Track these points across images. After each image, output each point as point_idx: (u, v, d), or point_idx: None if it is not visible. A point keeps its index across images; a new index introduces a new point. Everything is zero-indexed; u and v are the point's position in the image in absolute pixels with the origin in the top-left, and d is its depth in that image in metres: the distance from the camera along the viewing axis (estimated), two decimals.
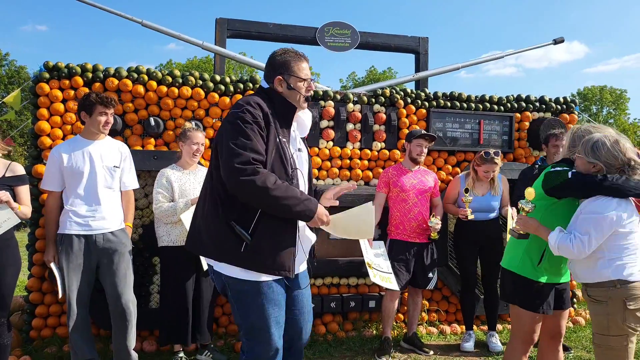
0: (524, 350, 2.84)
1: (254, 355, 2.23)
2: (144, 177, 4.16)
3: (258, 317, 2.18)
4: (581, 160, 2.56)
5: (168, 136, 4.17)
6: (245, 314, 2.21)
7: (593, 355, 4.12)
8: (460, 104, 4.85)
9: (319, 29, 5.04)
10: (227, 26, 4.86)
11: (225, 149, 2.08)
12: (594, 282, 2.51)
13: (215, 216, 2.15)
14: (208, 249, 2.19)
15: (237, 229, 2.10)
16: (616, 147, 2.49)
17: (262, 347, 2.21)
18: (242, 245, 2.11)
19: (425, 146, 4.15)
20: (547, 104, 5.06)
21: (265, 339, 2.20)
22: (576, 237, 2.44)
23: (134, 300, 3.36)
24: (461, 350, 4.24)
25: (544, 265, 2.72)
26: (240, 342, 4.00)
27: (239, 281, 2.17)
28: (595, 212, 2.45)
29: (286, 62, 2.27)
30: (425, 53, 5.31)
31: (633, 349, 2.49)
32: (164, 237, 3.67)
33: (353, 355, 4.07)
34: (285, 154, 2.21)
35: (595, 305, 2.52)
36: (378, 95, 4.66)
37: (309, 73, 2.33)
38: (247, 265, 2.13)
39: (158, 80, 4.14)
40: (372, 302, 4.48)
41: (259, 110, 2.15)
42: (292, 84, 2.27)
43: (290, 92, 2.27)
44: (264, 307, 2.18)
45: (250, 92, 4.32)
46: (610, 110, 42.49)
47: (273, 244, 2.15)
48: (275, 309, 2.21)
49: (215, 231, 2.15)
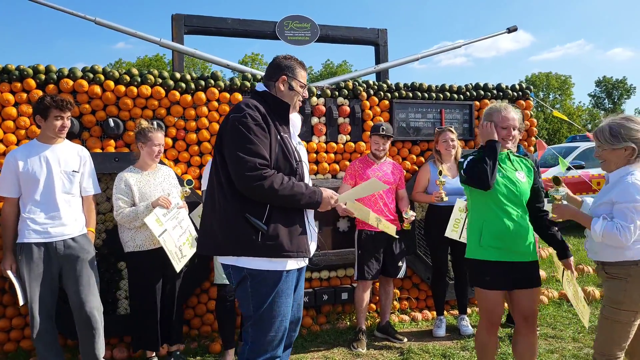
0: (489, 330, 2.95)
1: (259, 345, 2.30)
2: (105, 180, 4.02)
3: (271, 307, 2.28)
4: (610, 151, 2.62)
5: (129, 137, 4.04)
6: (258, 304, 2.28)
7: (558, 332, 4.29)
8: (422, 94, 4.91)
9: (279, 23, 4.99)
10: (184, 22, 4.74)
11: (233, 157, 2.23)
12: (616, 261, 2.59)
13: (229, 212, 2.26)
14: (226, 248, 2.28)
15: (252, 220, 2.22)
16: (630, 123, 2.58)
17: (268, 337, 2.30)
18: (259, 235, 2.23)
19: (382, 143, 4.20)
20: (504, 91, 5.20)
21: (274, 329, 2.30)
22: (624, 227, 2.49)
23: (100, 307, 3.26)
24: (433, 335, 4.33)
25: (488, 242, 2.82)
26: (214, 344, 3.98)
27: (262, 272, 2.27)
28: (634, 200, 2.49)
29: (291, 66, 2.47)
30: (384, 45, 5.34)
31: (636, 326, 2.60)
32: (129, 243, 3.57)
33: (328, 347, 4.08)
34: (289, 149, 2.35)
35: (612, 281, 2.62)
36: (341, 88, 4.66)
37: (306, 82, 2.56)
38: (268, 253, 2.24)
39: (115, 79, 4.01)
40: (345, 294, 4.51)
41: (257, 112, 2.29)
42: (294, 86, 2.46)
43: (290, 92, 2.46)
44: (278, 298, 2.29)
45: (212, 89, 4.25)
46: (556, 96, 44.19)
47: (288, 229, 2.29)
48: (287, 300, 2.33)
49: (231, 227, 2.25)
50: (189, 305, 4.21)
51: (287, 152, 2.33)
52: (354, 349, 3.99)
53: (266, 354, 2.30)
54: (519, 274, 2.84)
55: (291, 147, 2.37)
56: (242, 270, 2.29)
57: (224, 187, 2.28)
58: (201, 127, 4.23)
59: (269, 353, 2.31)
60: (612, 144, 2.59)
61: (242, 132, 2.22)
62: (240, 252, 2.25)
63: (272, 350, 2.32)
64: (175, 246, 3.47)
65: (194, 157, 4.23)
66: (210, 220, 2.32)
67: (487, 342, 2.97)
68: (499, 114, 2.91)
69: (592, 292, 5.19)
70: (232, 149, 2.24)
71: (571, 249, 8.44)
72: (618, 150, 2.59)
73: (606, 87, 46.99)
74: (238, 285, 2.34)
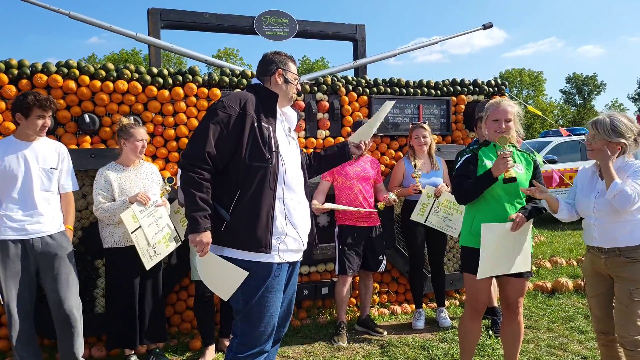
0: (472, 316, 3.07)
1: (247, 339, 2.30)
2: (81, 177, 3.95)
3: (260, 302, 2.29)
4: (603, 142, 2.72)
5: (105, 133, 3.98)
6: (247, 298, 2.29)
7: (533, 322, 4.39)
8: (400, 89, 4.95)
9: (257, 18, 4.96)
10: (160, 16, 4.67)
11: (190, 137, 2.29)
12: (636, 244, 2.71)
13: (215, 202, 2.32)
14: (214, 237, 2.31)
15: (218, 208, 2.28)
16: (629, 123, 2.74)
17: (258, 332, 2.31)
18: (222, 225, 2.28)
19: None
20: (480, 86, 5.28)
21: (263, 323, 2.31)
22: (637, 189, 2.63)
23: (79, 306, 3.22)
24: (413, 328, 4.38)
25: (478, 230, 2.90)
26: (194, 341, 3.96)
27: (250, 263, 2.28)
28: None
29: (283, 60, 2.54)
30: (362, 40, 5.36)
31: None
32: (108, 239, 3.53)
33: (309, 342, 4.10)
34: (264, 138, 2.34)
35: (636, 264, 2.71)
36: (320, 83, 4.67)
37: None
38: (229, 243, 2.28)
39: (90, 74, 3.93)
40: (325, 288, 4.53)
41: (236, 102, 2.34)
42: (289, 78, 2.53)
43: (287, 85, 2.52)
44: (268, 293, 2.30)
45: (190, 84, 4.20)
46: (529, 92, 44.98)
47: (249, 222, 2.28)
48: (277, 295, 2.34)
49: (211, 216, 2.28)
50: (168, 302, 4.17)
51: (262, 141, 2.33)
52: (335, 343, 4.02)
53: (255, 349, 2.31)
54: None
55: (267, 137, 2.35)
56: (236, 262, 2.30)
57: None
58: (179, 123, 4.19)
59: (257, 347, 2.32)
60: (610, 137, 2.72)
61: (205, 121, 2.32)
62: (213, 241, 2.29)
63: (261, 345, 2.33)
64: (147, 244, 3.44)
65: (172, 153, 4.19)
66: None
67: (470, 329, 3.08)
68: (491, 107, 3.03)
69: (565, 282, 5.32)
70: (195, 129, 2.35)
71: (544, 241, 8.65)
72: (612, 143, 2.72)
73: (577, 83, 47.99)
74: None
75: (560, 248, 8.02)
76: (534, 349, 3.79)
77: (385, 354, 3.80)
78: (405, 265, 4.81)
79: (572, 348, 3.78)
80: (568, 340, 3.96)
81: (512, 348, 3.07)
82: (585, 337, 3.98)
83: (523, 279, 3.02)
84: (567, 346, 3.82)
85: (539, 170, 3.09)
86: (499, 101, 3.04)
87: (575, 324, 4.31)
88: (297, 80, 2.58)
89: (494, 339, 3.99)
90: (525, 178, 3.01)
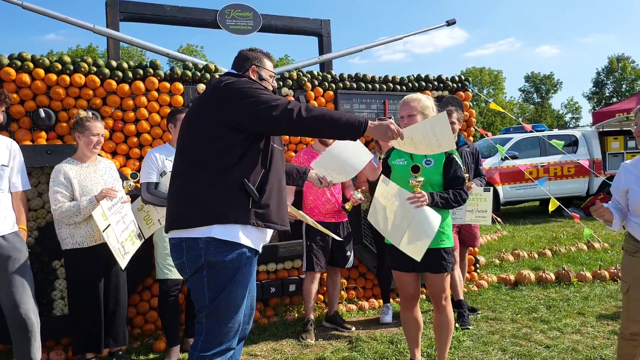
0: (404, 306, 3.21)
1: (214, 336, 2.22)
2: (36, 174, 3.78)
3: (228, 297, 2.21)
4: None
5: (61, 128, 3.82)
6: (215, 293, 2.21)
7: (497, 314, 4.46)
8: (366, 85, 4.95)
9: (220, 11, 4.86)
10: (119, 9, 4.52)
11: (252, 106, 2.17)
12: None
13: (220, 182, 2.22)
14: (203, 218, 2.20)
15: (249, 186, 2.21)
16: None
17: (225, 328, 2.23)
18: (249, 202, 2.23)
19: None
20: (445, 82, 5.33)
21: (230, 319, 2.24)
22: None
23: (35, 309, 3.07)
24: (381, 322, 4.39)
25: None
26: (158, 342, 3.85)
27: (228, 251, 2.19)
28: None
29: (258, 56, 2.50)
30: (328, 35, 5.33)
31: None
32: (68, 240, 3.37)
33: (277, 339, 4.05)
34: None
35: None
36: (285, 78, 4.61)
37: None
38: (257, 217, 2.24)
39: (46, 67, 3.76)
40: (293, 286, 4.49)
41: None
42: (264, 75, 2.48)
43: (261, 82, 2.45)
44: (236, 288, 2.23)
45: (151, 78, 4.08)
46: (490, 90, 46.02)
47: (275, 201, 2.32)
48: (244, 291, 2.27)
49: (220, 195, 2.20)
50: (131, 303, 4.04)
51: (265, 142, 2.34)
52: (303, 340, 3.98)
53: (221, 346, 2.23)
54: (427, 259, 2.85)
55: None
56: (199, 259, 2.20)
57: (214, 159, 2.23)
58: (140, 118, 4.06)
59: (224, 344, 2.24)
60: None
61: (249, 89, 2.22)
62: (223, 220, 2.21)
63: (228, 342, 2.25)
64: (117, 242, 3.32)
65: (133, 150, 4.06)
66: (189, 196, 2.24)
67: (405, 319, 3.23)
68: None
69: (528, 275, 5.43)
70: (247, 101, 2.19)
71: (507, 235, 8.85)
72: None
73: (535, 82, 49.36)
74: (193, 275, 2.25)
75: (523, 241, 8.22)
76: (499, 340, 3.85)
77: (353, 350, 3.79)
78: (372, 260, 4.81)
79: (536, 338, 3.85)
80: (531, 330, 4.03)
81: (439, 339, 3.16)
82: (548, 327, 4.07)
83: (440, 275, 3.02)
84: (530, 336, 3.89)
85: (453, 163, 3.01)
86: (405, 97, 3.07)
87: (537, 314, 4.41)
88: (272, 78, 2.53)
89: (460, 332, 4.03)
90: (433, 172, 3.00)
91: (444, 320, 3.12)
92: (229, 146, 2.23)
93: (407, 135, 2.45)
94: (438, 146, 2.53)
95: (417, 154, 2.98)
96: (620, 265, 2.92)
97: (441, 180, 3.02)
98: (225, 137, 2.23)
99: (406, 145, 2.55)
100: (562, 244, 7.55)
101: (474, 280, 5.40)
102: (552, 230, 9.24)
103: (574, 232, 8.87)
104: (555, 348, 3.64)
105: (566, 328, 4.04)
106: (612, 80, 44.83)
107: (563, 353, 3.55)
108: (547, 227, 9.68)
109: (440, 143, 2.50)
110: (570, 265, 6.10)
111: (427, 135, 2.48)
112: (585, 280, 5.39)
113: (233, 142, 2.23)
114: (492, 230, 9.02)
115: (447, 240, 3.01)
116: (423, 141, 2.50)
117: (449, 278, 3.11)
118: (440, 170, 3.02)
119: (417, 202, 2.77)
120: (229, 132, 2.23)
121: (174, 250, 2.29)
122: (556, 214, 10.47)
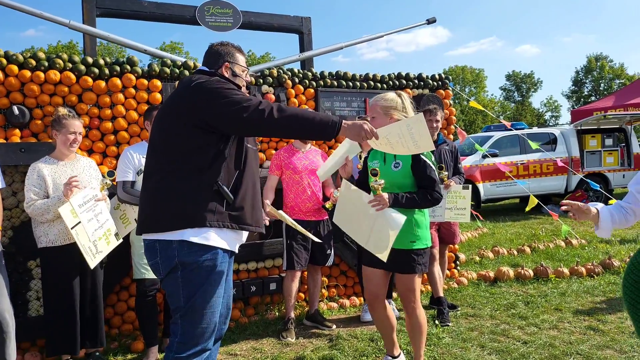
0: (370, 305, 3.19)
1: (189, 337, 2.19)
2: (10, 173, 3.70)
3: (203, 297, 2.19)
4: None
5: (35, 126, 3.74)
6: (189, 294, 2.18)
7: (477, 310, 4.50)
8: (346, 82, 4.94)
9: (199, 7, 4.81)
10: (95, 4, 4.44)
11: (222, 106, 2.15)
12: None
13: (193, 183, 2.17)
14: (176, 222, 2.16)
15: (223, 189, 2.18)
16: None
17: (200, 329, 2.20)
18: (223, 204, 2.21)
19: None
20: (425, 80, 5.35)
21: (206, 320, 2.21)
22: None
23: (10, 310, 3.02)
24: (361, 320, 4.39)
25: None
26: (136, 342, 3.80)
27: (202, 252, 2.16)
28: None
29: (230, 52, 2.45)
30: (308, 33, 5.31)
31: None
32: (42, 238, 3.31)
33: (257, 338, 4.03)
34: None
35: None
36: (265, 75, 4.58)
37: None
38: (232, 220, 2.22)
39: (19, 64, 3.68)
40: (273, 284, 4.47)
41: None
42: (237, 71, 2.44)
43: (235, 79, 2.42)
44: (211, 287, 2.20)
45: (129, 75, 4.02)
46: (471, 89, 46.42)
47: (249, 202, 2.30)
48: (219, 290, 2.25)
49: (193, 198, 2.16)
50: (108, 303, 3.99)
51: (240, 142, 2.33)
52: (283, 339, 3.97)
53: (197, 347, 2.20)
54: (390, 258, 2.85)
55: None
56: (173, 259, 2.17)
57: (187, 160, 2.19)
58: (117, 116, 4.00)
59: (200, 345, 2.20)
60: None
61: (221, 88, 2.20)
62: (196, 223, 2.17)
63: (204, 343, 2.22)
64: (89, 240, 3.25)
65: (110, 148, 3.99)
66: (161, 197, 2.20)
67: (375, 317, 3.21)
68: None
69: (507, 271, 5.49)
70: (218, 102, 2.16)
71: (487, 232, 8.92)
72: None
73: (515, 80, 49.89)
74: (167, 276, 2.21)
75: (502, 239, 8.30)
76: (477, 336, 3.88)
77: (334, 348, 3.79)
78: (353, 258, 4.82)
79: (514, 334, 3.89)
80: (510, 326, 4.08)
81: (413, 341, 3.15)
82: (526, 323, 4.12)
83: (409, 275, 3.00)
84: (508, 332, 3.93)
85: (421, 164, 2.95)
86: (374, 97, 3.10)
87: (516, 310, 4.45)
88: (245, 72, 2.49)
89: (440, 329, 4.06)
90: (401, 174, 2.97)
91: (414, 323, 3.08)
92: (201, 146, 2.19)
93: (382, 136, 2.44)
94: (416, 147, 2.52)
95: (390, 155, 3.00)
96: None
97: (412, 182, 2.98)
98: (196, 138, 2.19)
99: (383, 145, 2.54)
100: (540, 240, 7.65)
101: (454, 278, 5.44)
102: (532, 227, 9.36)
103: (553, 229, 8.99)
104: (532, 344, 3.68)
105: (543, 324, 4.09)
106: (590, 79, 45.51)
107: (540, 348, 3.60)
108: (526, 224, 9.81)
109: (419, 144, 2.49)
110: (548, 262, 6.18)
111: (404, 135, 2.46)
112: (562, 276, 5.47)
113: (205, 143, 2.20)
114: (473, 228, 9.11)
115: (418, 241, 2.97)
116: (399, 142, 2.49)
117: (419, 280, 3.07)
118: (408, 172, 2.97)
119: (377, 204, 2.81)
120: (201, 132, 2.19)
121: (148, 250, 2.26)
122: (535, 211, 10.62)
